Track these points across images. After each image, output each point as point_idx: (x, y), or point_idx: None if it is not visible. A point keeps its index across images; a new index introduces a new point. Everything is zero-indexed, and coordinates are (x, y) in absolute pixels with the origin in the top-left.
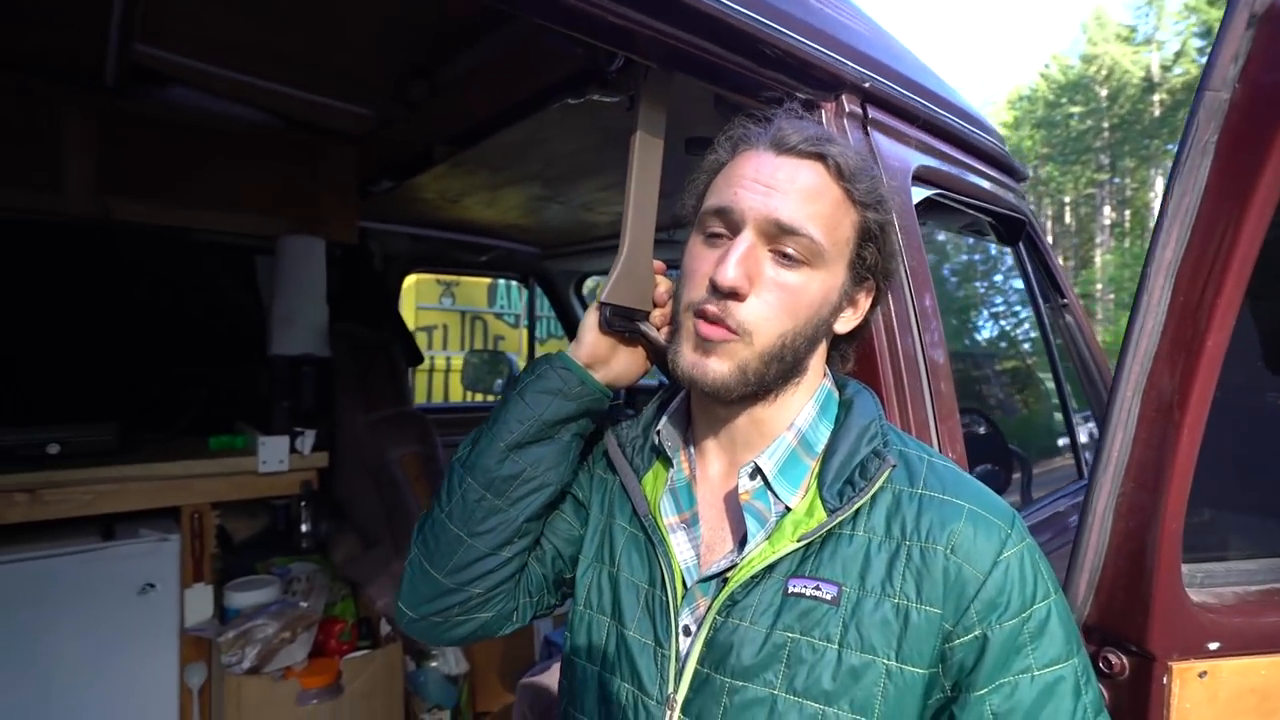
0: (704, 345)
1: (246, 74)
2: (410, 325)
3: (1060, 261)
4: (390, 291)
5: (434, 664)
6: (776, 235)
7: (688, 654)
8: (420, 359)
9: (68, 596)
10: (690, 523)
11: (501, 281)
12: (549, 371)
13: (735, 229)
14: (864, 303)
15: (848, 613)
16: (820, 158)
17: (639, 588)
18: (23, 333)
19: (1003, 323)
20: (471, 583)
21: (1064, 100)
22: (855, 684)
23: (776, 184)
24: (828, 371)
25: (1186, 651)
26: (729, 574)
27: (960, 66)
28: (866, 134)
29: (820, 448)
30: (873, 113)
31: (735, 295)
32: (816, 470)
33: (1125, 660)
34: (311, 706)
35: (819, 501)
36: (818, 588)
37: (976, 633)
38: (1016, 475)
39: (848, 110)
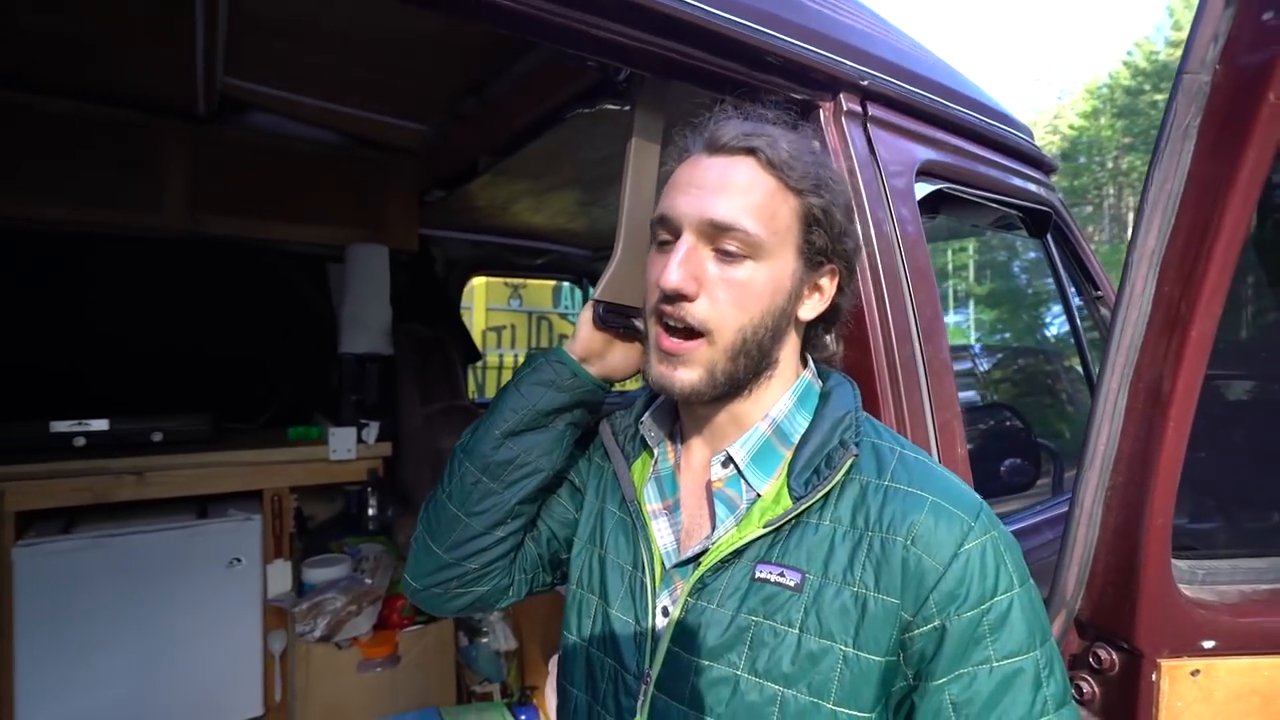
0: (669, 358)
1: (318, 99)
2: (480, 325)
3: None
4: (449, 294)
5: (484, 640)
6: (714, 234)
7: (663, 633)
8: (478, 356)
9: (168, 567)
10: (672, 509)
11: (565, 284)
12: (544, 365)
13: (677, 233)
14: (829, 287)
15: (809, 599)
16: (750, 151)
17: (624, 569)
18: (129, 335)
19: (1037, 317)
20: (468, 558)
21: (1147, 88)
22: (813, 668)
23: (708, 184)
24: (809, 363)
25: (1178, 649)
26: (701, 558)
27: (1032, 58)
28: (866, 131)
29: (796, 438)
30: (873, 110)
31: (683, 296)
32: (789, 459)
33: (1115, 656)
34: (372, 674)
35: (786, 489)
36: (782, 574)
37: (935, 623)
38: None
39: (845, 109)
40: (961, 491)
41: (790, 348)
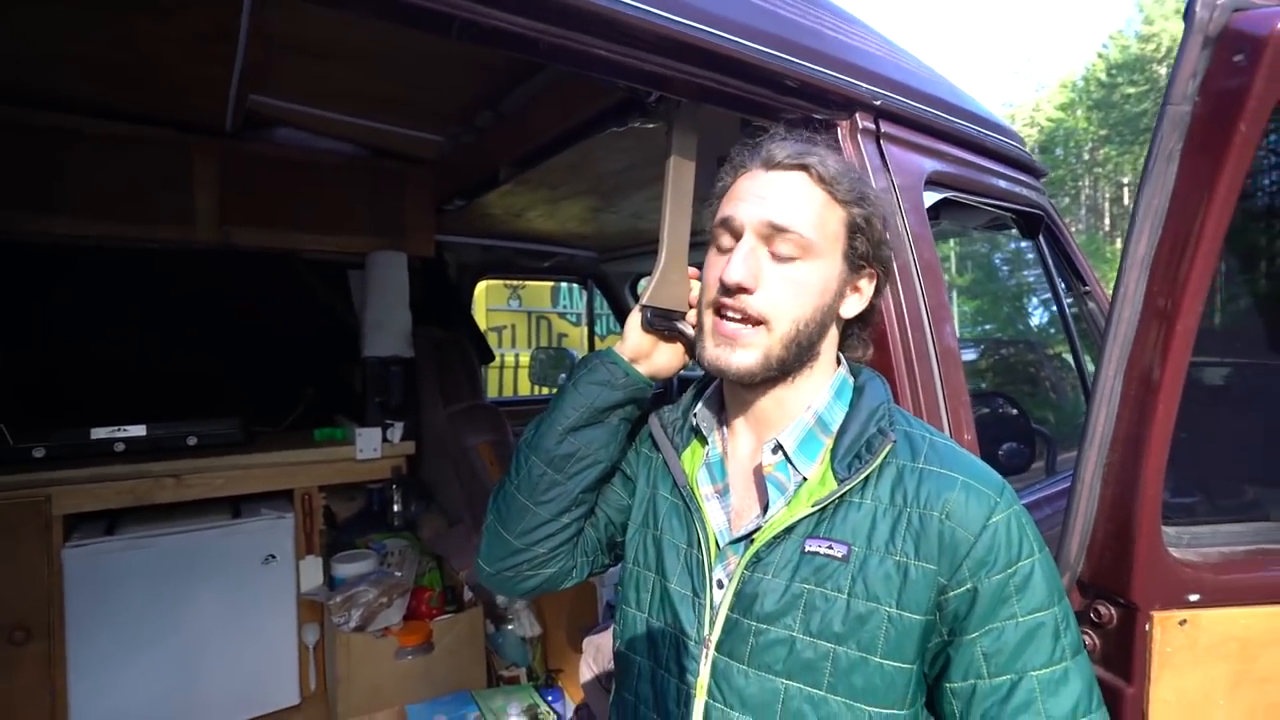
0: (725, 341)
1: (340, 113)
2: (482, 326)
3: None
4: (463, 297)
5: (510, 627)
6: (772, 235)
7: (720, 603)
8: (491, 357)
9: (206, 565)
10: (723, 493)
11: (564, 284)
12: (599, 365)
13: (738, 235)
14: (867, 288)
15: (856, 568)
16: (803, 168)
17: (679, 548)
18: (162, 343)
19: (1031, 311)
20: (537, 543)
21: (1120, 80)
22: (861, 627)
23: (768, 194)
24: (843, 361)
25: (1168, 603)
26: (755, 535)
27: (1010, 52)
28: (879, 146)
29: (835, 427)
30: (885, 127)
31: (744, 289)
32: (830, 446)
33: (1113, 611)
34: (407, 661)
35: (831, 472)
36: (830, 547)
37: (968, 585)
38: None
39: (861, 126)
40: (986, 472)
41: (830, 342)
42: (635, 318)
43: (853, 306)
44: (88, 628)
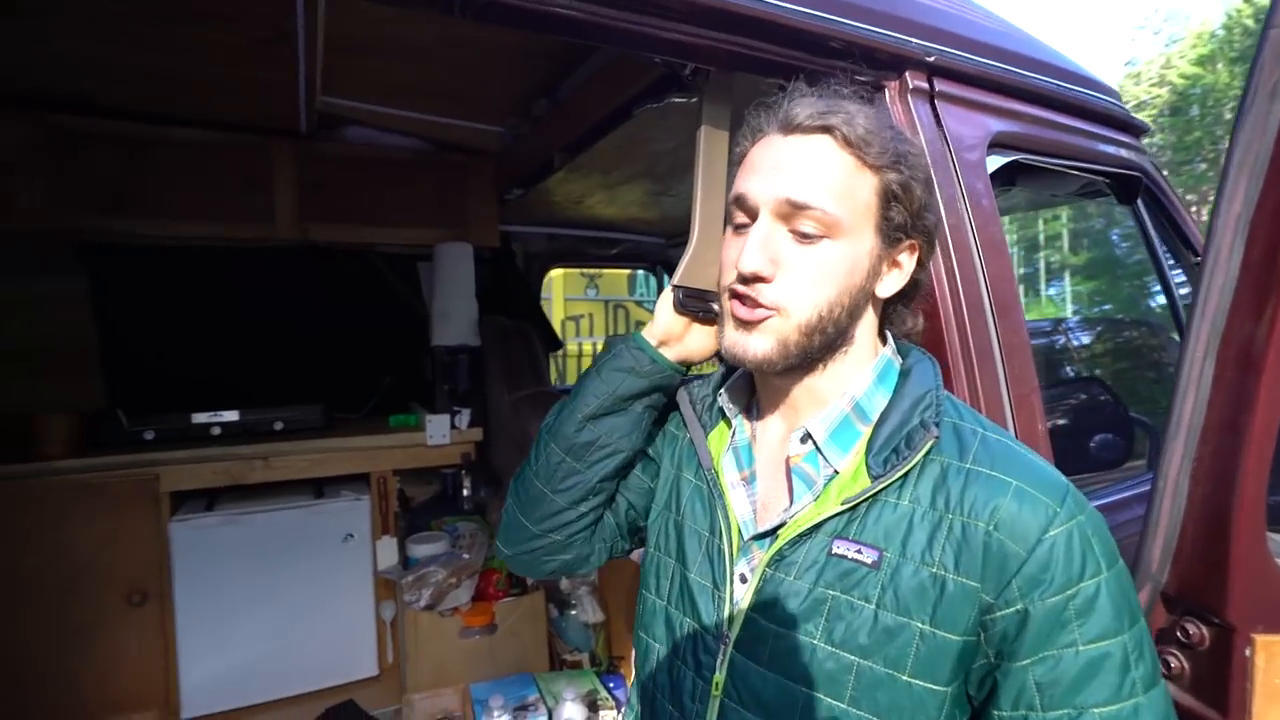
0: (743, 325)
1: (404, 109)
2: (560, 315)
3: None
4: (529, 286)
5: (573, 612)
6: (791, 214)
7: (741, 600)
8: (559, 345)
9: (292, 541)
10: (749, 480)
11: (640, 272)
12: (623, 351)
13: (753, 215)
14: (908, 262)
15: (886, 577)
16: (826, 129)
17: (701, 535)
18: (252, 335)
19: (1141, 287)
20: (554, 531)
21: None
22: (890, 642)
23: (785, 164)
24: (889, 339)
25: (1274, 624)
26: (779, 531)
27: (1131, 6)
28: (934, 107)
29: (875, 415)
30: (940, 85)
31: (760, 279)
32: (868, 437)
33: (1205, 631)
34: (472, 640)
35: (865, 467)
36: (859, 551)
37: (1019, 606)
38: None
39: (911, 86)
40: (1047, 475)
41: (868, 324)
42: (667, 298)
43: (892, 284)
44: (192, 594)
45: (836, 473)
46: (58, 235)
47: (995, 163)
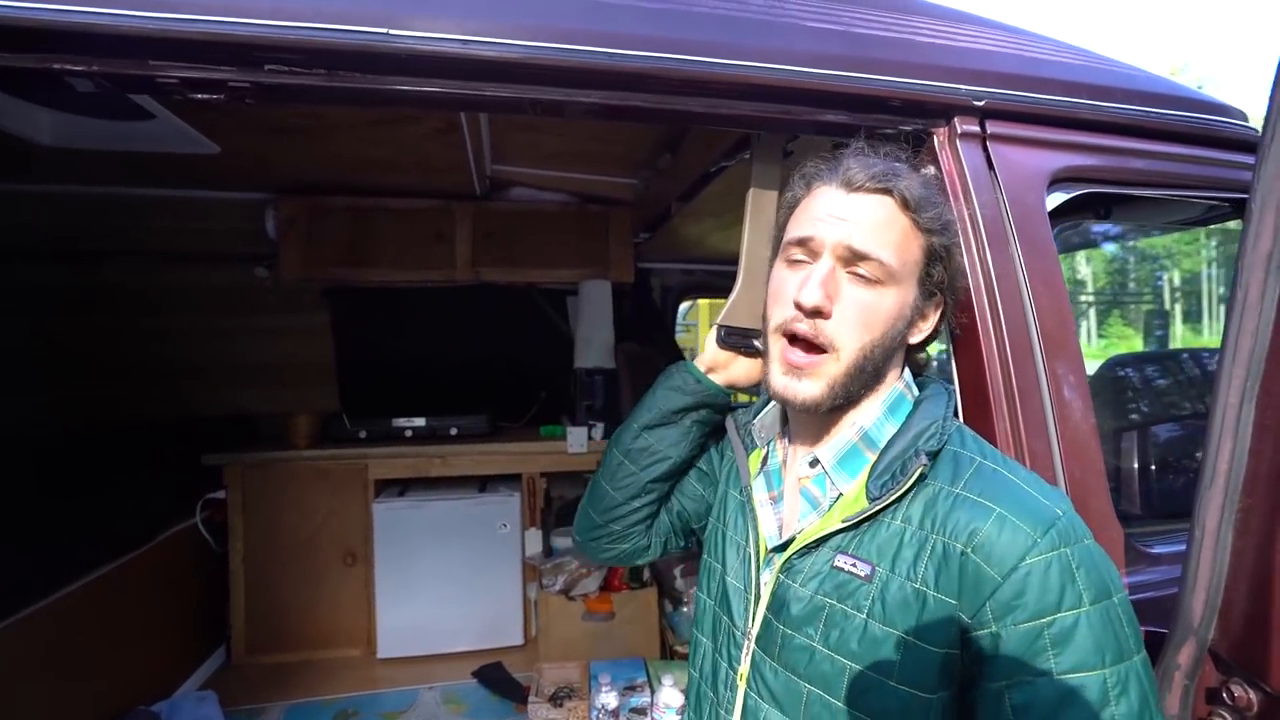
0: (794, 370)
1: (558, 170)
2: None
3: None
4: (662, 316)
5: (685, 609)
6: (852, 259)
7: (762, 602)
8: None
9: (462, 527)
10: (776, 500)
11: None
12: (675, 373)
13: (815, 255)
14: (932, 315)
15: (878, 589)
16: (888, 191)
17: (739, 544)
18: (435, 357)
19: None
20: (612, 522)
21: None
22: (877, 650)
23: (849, 216)
24: (905, 375)
25: None
26: (790, 544)
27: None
28: (986, 150)
29: (882, 443)
30: (993, 127)
31: (819, 313)
32: (873, 463)
33: (1252, 695)
34: (593, 624)
35: (865, 490)
36: (855, 564)
37: (992, 629)
38: None
39: (960, 132)
40: (1035, 505)
41: (895, 368)
42: (713, 334)
43: (919, 334)
44: (388, 561)
45: (841, 494)
46: (309, 281)
47: (1059, 198)
